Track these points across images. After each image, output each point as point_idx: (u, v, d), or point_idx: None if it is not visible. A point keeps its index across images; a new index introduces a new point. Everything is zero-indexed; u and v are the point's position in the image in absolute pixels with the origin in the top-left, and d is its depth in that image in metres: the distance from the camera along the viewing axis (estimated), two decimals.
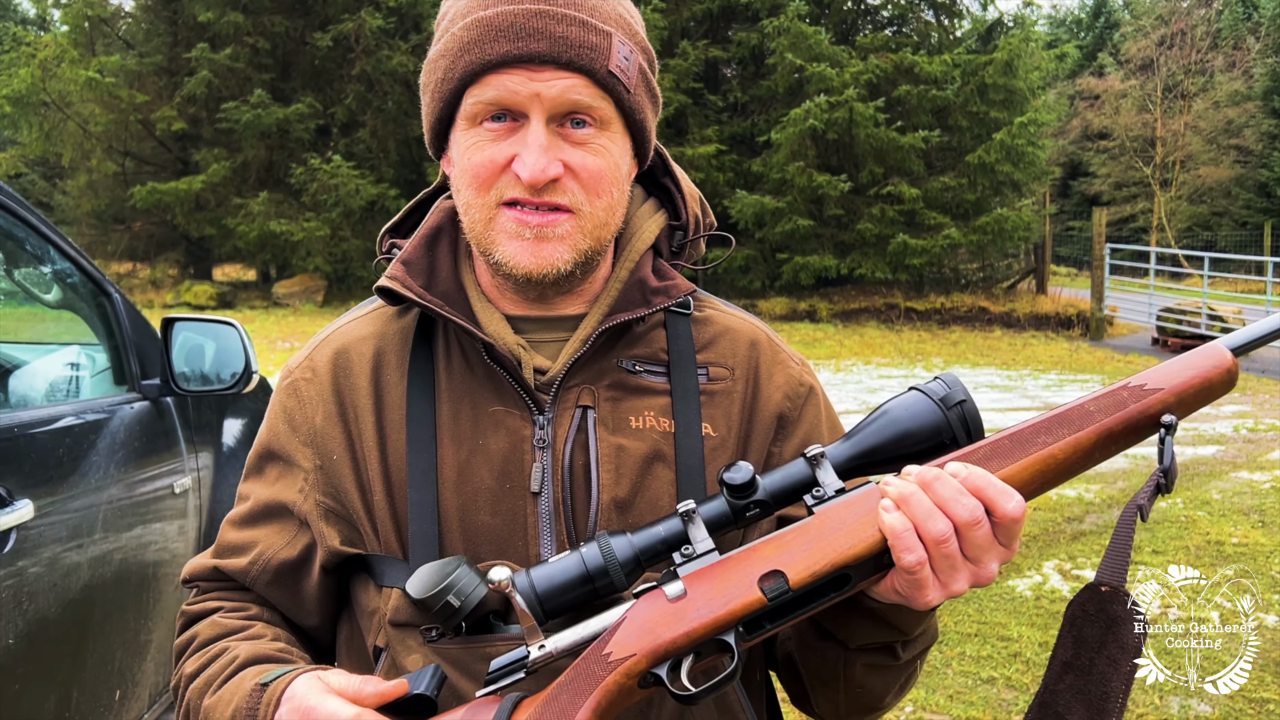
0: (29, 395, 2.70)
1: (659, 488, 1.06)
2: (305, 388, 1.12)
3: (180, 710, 1.06)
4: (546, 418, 1.06)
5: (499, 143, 1.01)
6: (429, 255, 1.12)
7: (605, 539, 0.90)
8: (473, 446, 1.05)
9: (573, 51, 0.99)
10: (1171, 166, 32.50)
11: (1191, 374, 0.94)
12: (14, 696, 1.97)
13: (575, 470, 1.05)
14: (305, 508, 1.09)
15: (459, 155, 1.04)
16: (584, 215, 1.04)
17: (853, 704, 1.07)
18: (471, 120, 1.02)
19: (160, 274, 22.08)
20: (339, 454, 1.08)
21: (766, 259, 19.32)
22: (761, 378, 1.15)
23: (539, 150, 0.99)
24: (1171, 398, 0.93)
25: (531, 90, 0.99)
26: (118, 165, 21.55)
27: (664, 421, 1.08)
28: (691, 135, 19.75)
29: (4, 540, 1.93)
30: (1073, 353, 15.68)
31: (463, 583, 0.93)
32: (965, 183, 18.51)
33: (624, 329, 1.11)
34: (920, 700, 3.92)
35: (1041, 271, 20.41)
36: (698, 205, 1.21)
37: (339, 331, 1.16)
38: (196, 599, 1.15)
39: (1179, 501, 6.87)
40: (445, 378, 1.09)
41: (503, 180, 1.02)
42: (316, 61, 21.08)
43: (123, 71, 20.80)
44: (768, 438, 1.13)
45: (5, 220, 2.35)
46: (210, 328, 2.78)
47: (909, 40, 20.19)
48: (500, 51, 0.98)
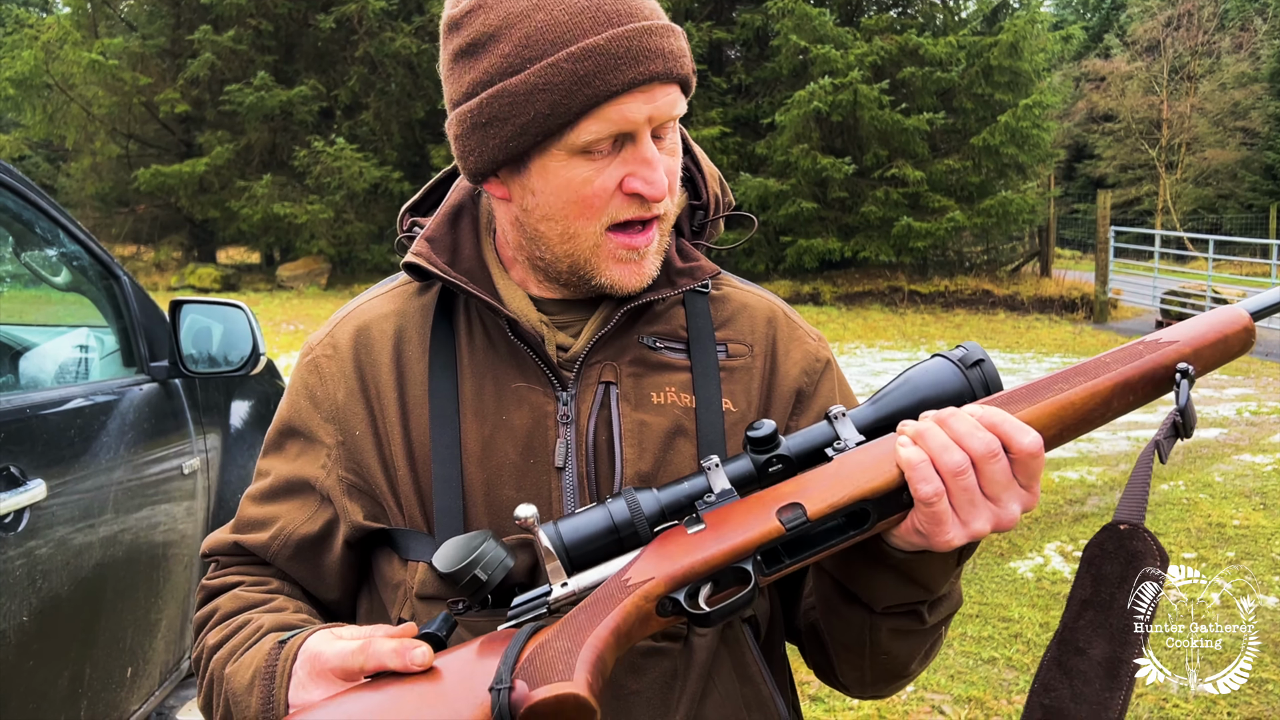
0: (39, 377, 2.73)
1: (681, 462, 1.07)
2: (326, 364, 1.13)
3: (203, 681, 1.07)
4: (570, 394, 1.08)
5: (607, 169, 1.00)
6: (452, 233, 1.13)
7: (632, 494, 0.91)
8: (496, 422, 1.07)
9: (676, 64, 0.99)
10: (1177, 149, 32.34)
11: (1209, 330, 0.96)
12: (28, 672, 2.01)
13: (599, 445, 1.07)
14: (328, 483, 1.10)
15: (557, 187, 1.00)
16: (667, 218, 1.06)
17: (879, 671, 1.08)
18: (576, 151, 0.98)
19: (164, 257, 22.11)
20: (361, 430, 1.09)
21: (770, 242, 19.30)
22: (779, 354, 1.16)
23: (661, 168, 1.00)
24: (1188, 349, 0.95)
25: (648, 113, 0.98)
26: (121, 148, 21.54)
27: (685, 397, 1.10)
28: (695, 117, 19.69)
29: (18, 519, 1.96)
30: (1076, 336, 15.68)
31: (489, 556, 0.94)
32: (970, 165, 18.46)
33: (644, 307, 1.12)
34: (921, 680, 3.95)
35: (1046, 254, 20.37)
36: (717, 185, 1.22)
37: (360, 309, 1.17)
38: (216, 574, 1.16)
39: (1181, 484, 6.90)
40: (468, 354, 1.10)
41: (614, 204, 1.01)
42: (319, 43, 21.03)
43: (125, 54, 20.76)
44: (786, 412, 1.15)
45: (15, 204, 2.37)
46: (218, 310, 2.81)
47: (914, 22, 20.07)
48: (626, 80, 0.95)
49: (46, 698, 2.09)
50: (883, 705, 3.74)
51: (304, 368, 1.16)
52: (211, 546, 1.18)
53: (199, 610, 1.14)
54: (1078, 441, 8.29)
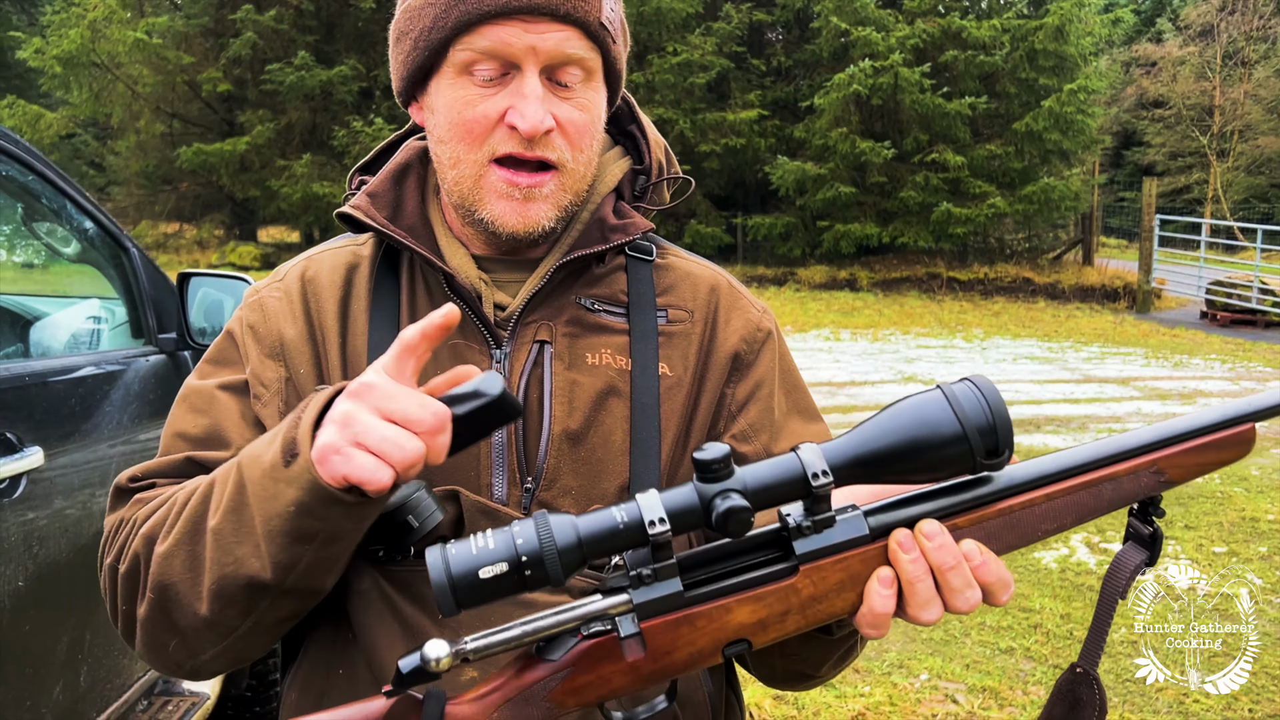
0: (49, 346, 2.76)
1: (612, 422, 1.08)
2: (274, 304, 1.13)
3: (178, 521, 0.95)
4: (504, 352, 1.09)
5: (491, 97, 1.02)
6: (396, 190, 1.15)
7: (544, 519, 0.77)
8: (430, 376, 1.06)
9: (569, 4, 1.00)
10: (1229, 136, 31.66)
11: (1205, 454, 0.89)
12: (24, 636, 2.03)
13: (530, 403, 1.07)
14: (266, 414, 1.08)
15: (445, 105, 1.04)
16: (567, 171, 1.06)
17: (788, 671, 1.06)
18: (461, 70, 1.02)
19: (206, 235, 22.40)
20: (306, 369, 1.09)
21: (807, 226, 19.16)
22: (719, 320, 1.16)
23: (536, 101, 1.00)
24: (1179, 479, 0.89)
25: (527, 42, 0.99)
26: (165, 126, 21.83)
27: (621, 359, 1.10)
28: (733, 100, 19.56)
29: (14, 485, 1.98)
30: (1117, 325, 15.41)
31: (422, 505, 0.94)
32: (1012, 151, 18.19)
33: (584, 268, 1.13)
34: (936, 669, 3.91)
35: (1089, 242, 20.04)
36: (662, 153, 1.22)
37: (311, 259, 1.18)
38: (149, 495, 1.04)
39: (1216, 477, 6.75)
40: (408, 310, 1.11)
41: (496, 135, 1.02)
42: (360, 24, 21.13)
43: (170, 33, 21.01)
44: (722, 378, 1.14)
45: (22, 174, 2.39)
46: (227, 283, 2.82)
47: (957, 4, 19.78)
48: (500, 2, 0.98)
49: (45, 662, 2.12)
50: (894, 693, 3.70)
51: (248, 307, 1.15)
52: (145, 470, 1.07)
53: (143, 525, 1.00)
54: (1110, 432, 8.15)
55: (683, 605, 0.81)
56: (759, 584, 0.83)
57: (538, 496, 1.06)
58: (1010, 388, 10.06)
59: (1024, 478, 0.85)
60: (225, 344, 1.15)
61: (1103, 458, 0.86)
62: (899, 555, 0.82)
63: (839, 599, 0.84)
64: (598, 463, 1.07)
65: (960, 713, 3.59)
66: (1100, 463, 0.86)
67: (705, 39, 19.00)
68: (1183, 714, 3.55)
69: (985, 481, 0.85)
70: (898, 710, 3.60)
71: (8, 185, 2.43)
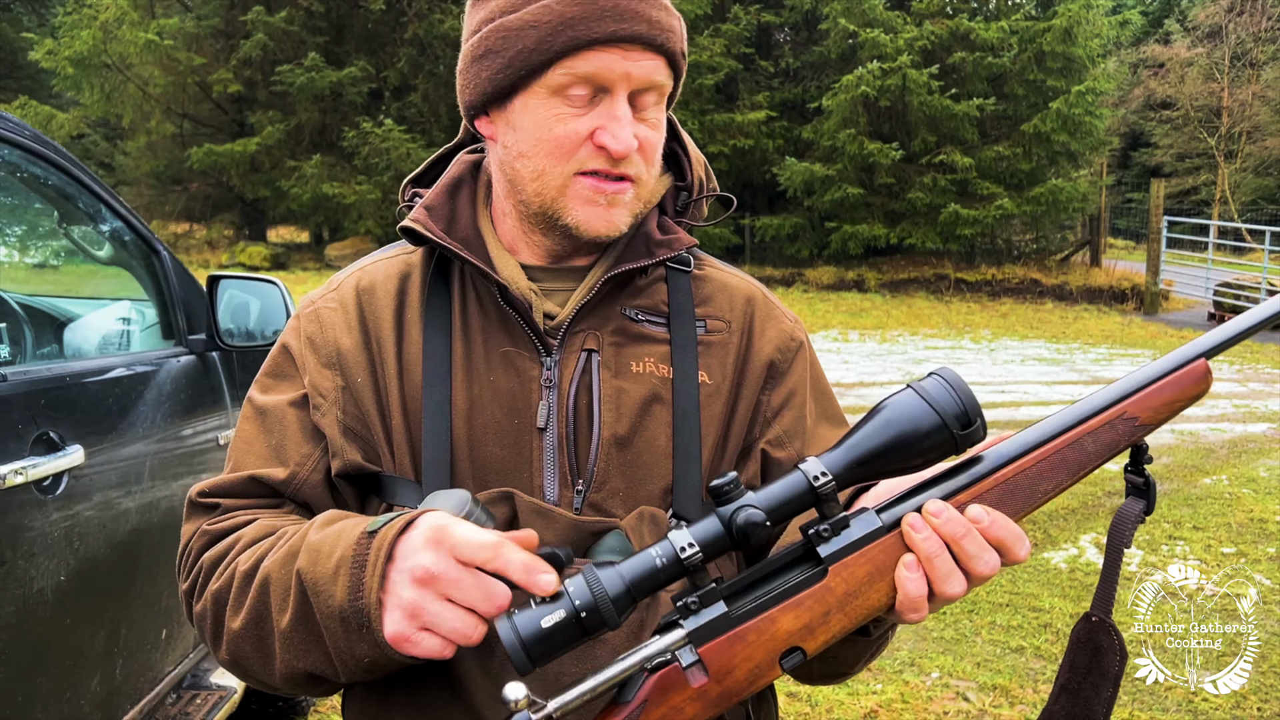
0: (83, 348, 2.82)
1: (656, 428, 1.13)
2: (330, 315, 1.18)
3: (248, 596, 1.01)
4: (554, 359, 1.14)
5: (581, 117, 1.07)
6: (450, 203, 1.20)
7: (592, 573, 0.86)
8: (484, 383, 1.13)
9: (664, 35, 1.07)
10: (1237, 137, 31.58)
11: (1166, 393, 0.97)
12: (65, 630, 2.09)
13: (579, 409, 1.13)
14: (324, 422, 1.13)
15: (534, 123, 1.09)
16: (642, 184, 1.13)
17: (824, 671, 1.12)
18: (555, 91, 1.07)
19: (216, 235, 22.50)
20: (363, 379, 1.14)
21: (815, 227, 19.19)
22: (755, 331, 1.22)
23: (628, 125, 1.07)
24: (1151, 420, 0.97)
25: (624, 70, 1.06)
26: (176, 126, 21.93)
27: (663, 368, 1.16)
28: (742, 101, 19.60)
29: (57, 483, 2.04)
30: (1125, 327, 15.42)
31: (474, 518, 0.98)
32: (1020, 152, 18.20)
33: (629, 280, 1.19)
34: (947, 667, 3.96)
35: (1096, 244, 20.03)
36: (702, 170, 1.28)
37: (365, 269, 1.22)
38: (220, 519, 1.11)
39: (1224, 478, 6.79)
40: (460, 318, 1.16)
41: (583, 151, 1.08)
42: (370, 25, 21.22)
43: (181, 34, 21.11)
44: (758, 386, 1.20)
45: (60, 180, 2.45)
46: (254, 286, 2.88)
47: (965, 6, 19.79)
48: (606, 31, 1.04)
49: (83, 655, 2.18)
50: (906, 691, 3.75)
51: (304, 317, 1.20)
52: (211, 486, 1.14)
53: (203, 554, 1.09)
54: None
55: (731, 624, 0.89)
56: (796, 590, 0.90)
57: (589, 498, 1.11)
58: (1018, 389, 10.09)
59: (1011, 451, 0.94)
60: (282, 357, 1.19)
61: (1079, 416, 0.95)
62: (913, 536, 0.89)
63: (873, 592, 0.90)
64: (643, 466, 1.12)
65: (971, 710, 3.63)
66: (1078, 421, 0.95)
67: (714, 40, 19.04)
68: (1191, 712, 3.59)
69: (979, 460, 0.95)
70: (909, 708, 3.65)
71: (46, 190, 2.50)
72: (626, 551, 1.06)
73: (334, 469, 1.14)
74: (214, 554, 1.07)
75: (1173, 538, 5.57)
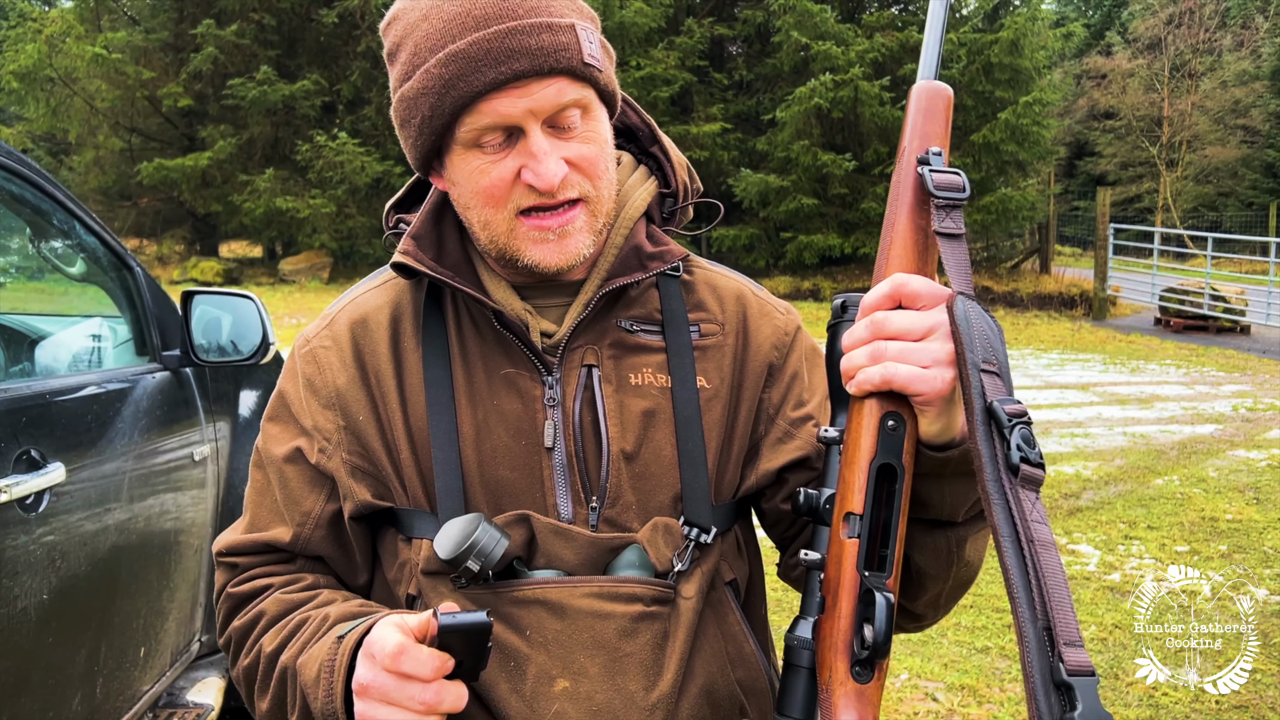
0: (54, 365, 2.80)
1: (661, 438, 1.14)
2: (325, 355, 1.18)
3: (270, 683, 1.11)
4: (555, 378, 1.14)
5: (502, 161, 1.06)
6: (436, 229, 1.19)
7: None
8: (488, 407, 1.13)
9: (550, 59, 1.02)
10: (1178, 146, 32.37)
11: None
12: (48, 649, 2.07)
13: (585, 425, 1.13)
14: (330, 465, 1.15)
15: (463, 178, 1.09)
16: (592, 200, 1.10)
17: (955, 585, 1.12)
18: (469, 145, 1.06)
19: (167, 250, 22.17)
20: (364, 415, 1.14)
21: (770, 238, 19.35)
22: (750, 330, 1.22)
23: (546, 158, 1.04)
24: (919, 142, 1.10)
25: (523, 107, 1.03)
26: (124, 141, 21.60)
27: (661, 377, 1.16)
28: (696, 113, 19.74)
29: (38, 501, 2.02)
30: (1075, 332, 15.73)
31: (483, 543, 1.02)
32: (970, 162, 18.50)
33: (622, 292, 1.18)
34: (915, 669, 4.02)
35: (1045, 251, 20.42)
36: (685, 173, 1.27)
37: (355, 302, 1.22)
38: (240, 579, 1.18)
39: (1175, 479, 6.96)
40: (458, 344, 1.16)
41: (515, 192, 1.07)
42: (322, 38, 21.07)
43: (129, 47, 20.81)
44: (759, 386, 1.21)
45: (32, 195, 2.44)
46: (228, 301, 2.87)
47: (915, 19, 20.10)
48: (487, 81, 1.01)
49: (65, 674, 2.16)
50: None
51: (301, 358, 1.20)
52: (229, 545, 1.20)
53: (235, 620, 1.17)
54: (1073, 437, 8.36)
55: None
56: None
57: (604, 514, 1.12)
58: None
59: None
60: (281, 403, 1.21)
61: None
62: (849, 345, 0.98)
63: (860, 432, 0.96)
64: (652, 477, 1.13)
65: (941, 710, 3.70)
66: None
67: (668, 53, 19.17)
68: (1152, 705, 3.69)
69: None
70: (880, 708, 3.71)
71: (20, 207, 2.48)
72: (645, 566, 1.10)
73: (346, 512, 1.16)
74: (241, 626, 1.16)
75: (1128, 537, 5.70)
